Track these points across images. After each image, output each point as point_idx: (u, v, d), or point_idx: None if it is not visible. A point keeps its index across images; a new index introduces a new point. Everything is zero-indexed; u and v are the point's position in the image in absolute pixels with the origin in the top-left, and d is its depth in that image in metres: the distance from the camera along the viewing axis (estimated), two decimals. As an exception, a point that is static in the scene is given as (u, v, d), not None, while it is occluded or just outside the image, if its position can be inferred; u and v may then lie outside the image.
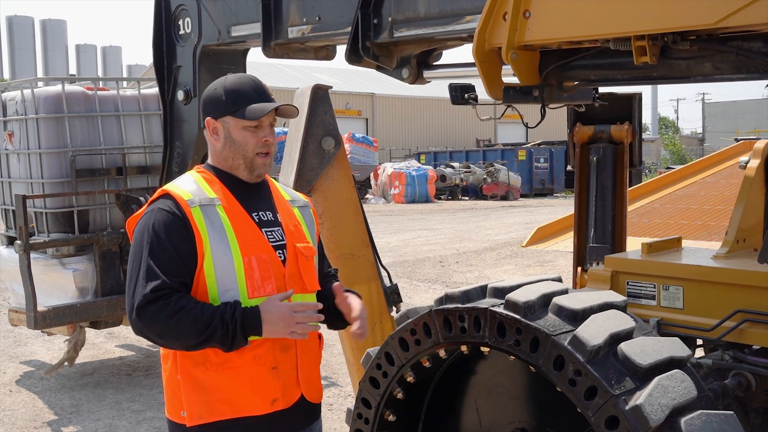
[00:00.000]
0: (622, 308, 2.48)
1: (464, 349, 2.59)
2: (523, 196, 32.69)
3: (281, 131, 16.28)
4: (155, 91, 6.40)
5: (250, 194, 2.57)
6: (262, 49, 4.39)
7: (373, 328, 4.20)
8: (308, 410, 2.61)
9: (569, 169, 4.19)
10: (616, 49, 2.83)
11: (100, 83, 6.76)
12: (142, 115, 6.53)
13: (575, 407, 2.26)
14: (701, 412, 2.18)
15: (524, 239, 13.85)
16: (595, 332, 2.26)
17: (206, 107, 2.57)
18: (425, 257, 13.76)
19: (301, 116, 4.05)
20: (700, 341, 3.15)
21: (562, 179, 34.64)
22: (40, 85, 6.60)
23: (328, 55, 4.56)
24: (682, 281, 3.10)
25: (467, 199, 31.83)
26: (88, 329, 6.79)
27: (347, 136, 28.71)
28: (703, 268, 3.09)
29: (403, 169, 30.14)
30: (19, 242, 5.80)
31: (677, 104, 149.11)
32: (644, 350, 2.26)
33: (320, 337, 2.68)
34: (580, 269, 4.06)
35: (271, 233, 2.54)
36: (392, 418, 2.82)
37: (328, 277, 2.78)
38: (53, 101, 6.13)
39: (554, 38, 2.93)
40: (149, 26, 4.99)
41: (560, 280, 2.70)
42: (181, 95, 5.02)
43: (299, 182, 4.02)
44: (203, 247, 2.41)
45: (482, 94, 3.40)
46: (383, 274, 4.39)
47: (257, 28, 4.37)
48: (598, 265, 3.62)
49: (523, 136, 49.01)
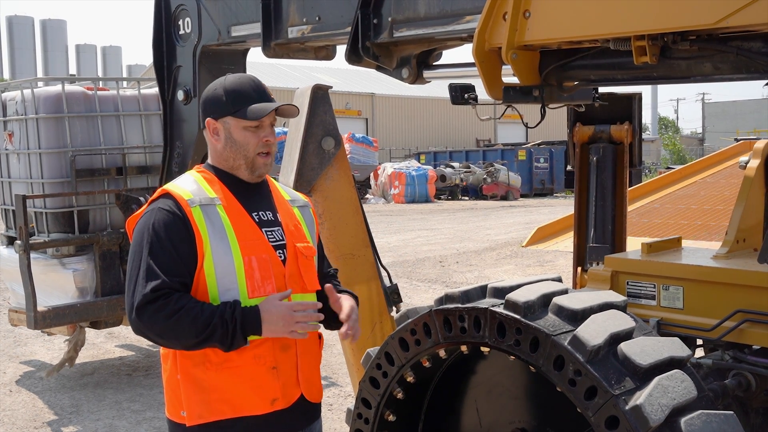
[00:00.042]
0: (622, 308, 2.48)
1: (464, 349, 2.59)
2: (523, 196, 32.69)
3: (281, 131, 16.27)
4: (155, 91, 6.40)
5: (250, 194, 2.58)
6: (262, 49, 4.39)
7: (373, 328, 4.20)
8: (308, 410, 2.61)
9: (569, 169, 4.18)
10: (616, 49, 2.83)
11: (100, 83, 6.76)
12: (142, 115, 6.53)
13: (575, 407, 2.26)
14: (701, 412, 2.18)
15: (524, 239, 13.86)
16: (595, 332, 2.26)
17: (206, 108, 2.56)
18: (425, 257, 13.76)
19: (301, 116, 4.05)
20: (700, 341, 3.15)
21: (562, 179, 34.64)
22: (40, 85, 6.60)
23: (328, 55, 4.56)
24: (682, 281, 3.10)
25: (467, 199, 31.83)
26: (88, 329, 6.79)
27: (347, 136, 28.70)
28: (703, 268, 3.09)
29: (403, 169, 30.14)
30: (19, 242, 5.80)
31: (677, 104, 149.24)
32: (644, 350, 2.26)
33: (320, 337, 2.68)
34: (580, 269, 4.06)
35: (271, 233, 2.54)
36: (392, 418, 2.82)
37: (328, 277, 2.78)
38: (53, 101, 6.13)
39: (554, 38, 2.93)
40: (149, 26, 4.99)
41: (560, 280, 2.70)
42: (181, 95, 5.02)
43: (299, 182, 4.02)
44: (203, 246, 2.41)
45: (482, 94, 3.40)
46: (383, 274, 4.39)
47: (257, 28, 4.37)
48: (598, 265, 3.62)
49: (523, 136, 49.01)
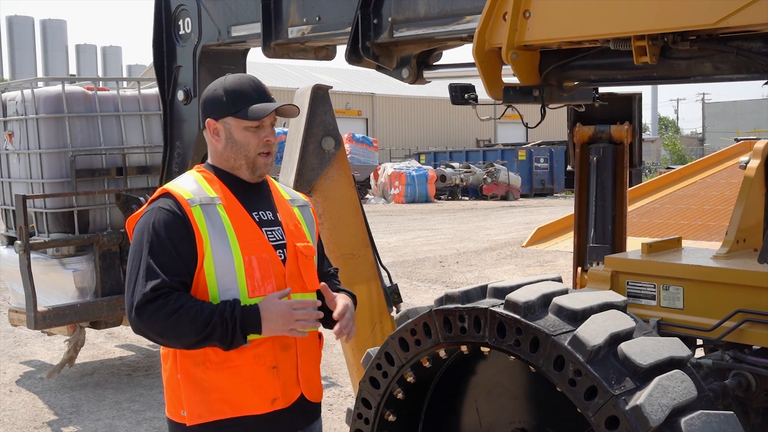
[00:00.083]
0: (622, 308, 2.48)
1: (464, 349, 2.59)
2: (523, 196, 32.69)
3: (281, 131, 16.27)
4: (155, 91, 6.40)
5: (250, 194, 2.58)
6: (262, 49, 4.39)
7: (373, 328, 4.20)
8: (308, 409, 2.62)
9: (569, 169, 4.18)
10: (616, 49, 2.83)
11: (100, 83, 6.76)
12: (142, 115, 6.53)
13: (575, 407, 2.26)
14: (701, 412, 2.18)
15: (524, 239, 13.83)
16: (595, 332, 2.26)
17: (206, 108, 2.56)
18: (425, 257, 13.76)
19: (301, 116, 4.05)
20: (700, 341, 3.15)
21: (562, 179, 34.64)
22: (40, 85, 6.60)
23: (328, 55, 4.56)
24: (682, 281, 3.10)
25: (467, 199, 31.82)
26: (88, 329, 6.79)
27: (347, 136, 28.70)
28: (703, 268, 3.09)
29: (403, 169, 30.14)
30: (19, 242, 5.80)
31: (677, 104, 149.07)
32: (644, 350, 2.26)
33: (320, 336, 2.68)
34: (580, 269, 4.06)
35: (271, 233, 2.54)
36: (392, 418, 2.82)
37: (328, 276, 2.78)
38: (53, 101, 6.13)
39: (554, 38, 2.93)
40: (149, 26, 4.99)
41: (560, 280, 2.70)
42: (181, 95, 5.02)
43: (299, 182, 4.02)
44: (203, 246, 2.41)
45: (482, 94, 3.40)
46: (383, 274, 4.39)
47: (257, 28, 4.37)
48: (598, 265, 3.62)
49: (523, 136, 49.02)
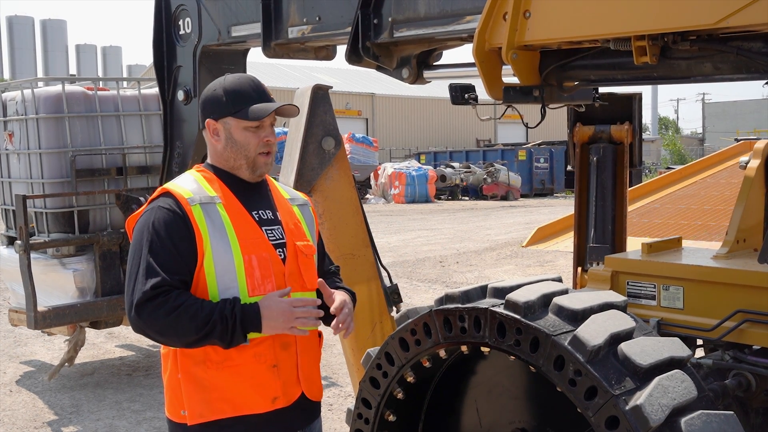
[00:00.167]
0: (622, 308, 2.48)
1: (464, 349, 2.59)
2: (523, 196, 32.69)
3: (281, 131, 16.27)
4: (155, 91, 6.40)
5: (249, 193, 2.58)
6: (262, 49, 4.39)
7: (373, 328, 4.20)
8: (308, 408, 2.62)
9: (569, 169, 4.18)
10: (616, 49, 2.83)
11: (100, 83, 6.77)
12: (142, 115, 6.53)
13: (575, 407, 2.26)
14: (701, 412, 2.18)
15: (524, 239, 13.81)
16: (595, 332, 2.26)
17: (206, 108, 2.57)
18: (425, 257, 13.76)
19: (301, 116, 4.05)
20: (700, 341, 3.15)
21: (562, 179, 34.64)
22: (40, 85, 6.60)
23: (328, 55, 4.56)
24: (682, 281, 3.09)
25: (467, 199, 31.82)
26: (88, 329, 6.79)
27: (347, 136, 28.70)
28: (703, 268, 3.09)
29: (403, 169, 30.14)
30: (19, 242, 5.80)
31: (677, 104, 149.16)
32: (644, 350, 2.26)
33: (320, 335, 2.69)
34: (580, 269, 4.06)
35: (271, 232, 2.54)
36: (392, 418, 2.82)
37: (329, 274, 2.78)
38: (53, 101, 6.13)
39: (554, 38, 2.93)
40: (149, 26, 4.99)
41: (560, 280, 2.70)
42: (181, 95, 5.02)
43: (299, 182, 4.01)
44: (203, 245, 2.41)
45: (482, 94, 3.40)
46: (383, 274, 4.39)
47: (257, 28, 4.36)
48: (598, 265, 3.62)
49: (523, 136, 49.02)
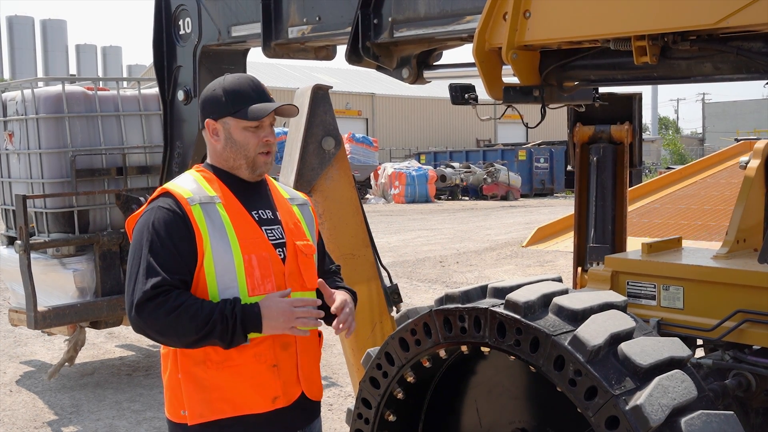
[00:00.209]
0: (622, 308, 2.48)
1: (464, 349, 2.59)
2: (523, 196, 32.68)
3: (281, 131, 16.28)
4: (155, 91, 6.40)
5: (249, 193, 2.58)
6: (262, 49, 4.39)
7: (373, 328, 4.20)
8: (308, 408, 2.62)
9: (569, 169, 4.18)
10: (616, 49, 2.83)
11: (100, 83, 6.77)
12: (142, 115, 6.53)
13: (575, 407, 2.26)
14: (701, 412, 2.18)
15: (524, 239, 13.81)
16: (595, 332, 2.26)
17: (205, 108, 2.57)
18: (425, 257, 13.76)
19: (301, 116, 4.05)
20: (700, 341, 3.15)
21: (562, 179, 34.64)
22: (40, 85, 6.60)
23: (328, 55, 4.56)
24: (682, 281, 3.09)
25: (467, 199, 31.82)
26: (88, 329, 6.79)
27: (347, 136, 28.70)
28: (703, 268, 3.09)
29: (403, 169, 30.14)
30: (19, 242, 5.80)
31: (677, 104, 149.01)
32: (644, 350, 2.26)
33: (320, 334, 2.69)
34: (580, 269, 4.06)
35: (270, 231, 2.54)
36: (392, 418, 2.82)
37: (329, 273, 2.78)
38: (53, 101, 6.13)
39: (554, 38, 2.93)
40: (149, 26, 4.99)
41: (560, 280, 2.70)
42: (181, 95, 5.02)
43: (299, 182, 4.01)
44: (203, 245, 2.41)
45: (482, 94, 3.40)
46: (383, 274, 4.39)
47: (257, 28, 4.36)
48: (598, 265, 3.62)
49: (523, 136, 49.01)
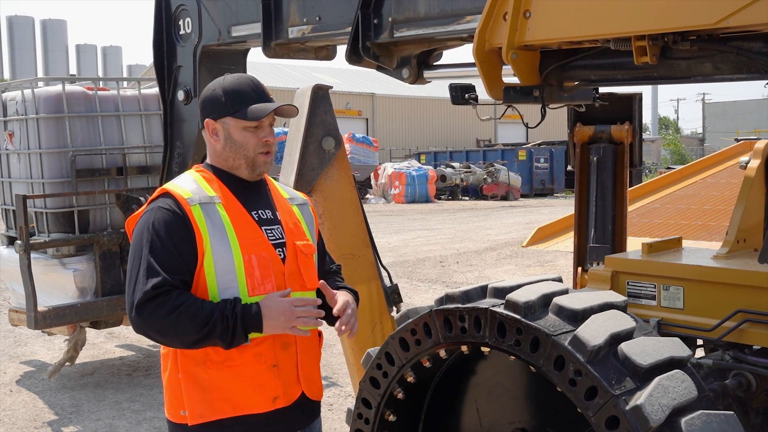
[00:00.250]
0: (622, 308, 2.48)
1: (464, 349, 2.59)
2: (523, 196, 32.68)
3: (281, 131, 16.29)
4: (155, 91, 6.40)
5: (249, 193, 2.58)
6: (262, 49, 4.39)
7: (373, 328, 4.20)
8: (309, 408, 2.62)
9: (569, 169, 4.18)
10: (616, 49, 2.83)
11: (100, 83, 6.77)
12: (142, 115, 6.53)
13: (575, 407, 2.26)
14: (701, 412, 2.18)
15: (524, 239, 13.80)
16: (595, 332, 2.26)
17: (205, 108, 2.57)
18: (425, 257, 13.76)
19: (301, 116, 4.05)
20: (700, 341, 3.15)
21: (562, 179, 34.64)
22: (40, 85, 6.60)
23: (328, 55, 4.56)
24: (682, 281, 3.10)
25: (467, 199, 31.82)
26: (88, 329, 6.79)
27: (347, 136, 28.70)
28: (703, 268, 3.09)
29: (403, 169, 30.14)
30: (19, 242, 5.80)
31: (677, 104, 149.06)
32: (644, 350, 2.26)
33: (320, 334, 2.69)
34: (580, 269, 4.06)
35: (270, 231, 2.54)
36: (392, 418, 2.82)
37: (330, 273, 2.78)
38: (53, 101, 6.13)
39: (554, 38, 2.93)
40: (149, 26, 4.99)
41: (560, 280, 2.70)
42: (181, 95, 5.02)
43: (299, 182, 4.01)
44: (203, 245, 2.41)
45: (482, 94, 3.40)
46: (383, 274, 4.39)
47: (257, 28, 4.36)
48: (598, 265, 3.62)
49: (523, 136, 49.01)
